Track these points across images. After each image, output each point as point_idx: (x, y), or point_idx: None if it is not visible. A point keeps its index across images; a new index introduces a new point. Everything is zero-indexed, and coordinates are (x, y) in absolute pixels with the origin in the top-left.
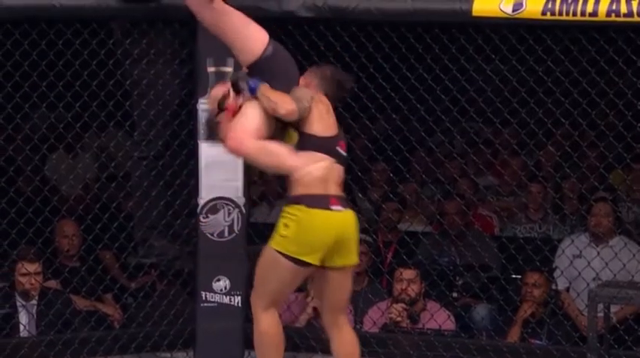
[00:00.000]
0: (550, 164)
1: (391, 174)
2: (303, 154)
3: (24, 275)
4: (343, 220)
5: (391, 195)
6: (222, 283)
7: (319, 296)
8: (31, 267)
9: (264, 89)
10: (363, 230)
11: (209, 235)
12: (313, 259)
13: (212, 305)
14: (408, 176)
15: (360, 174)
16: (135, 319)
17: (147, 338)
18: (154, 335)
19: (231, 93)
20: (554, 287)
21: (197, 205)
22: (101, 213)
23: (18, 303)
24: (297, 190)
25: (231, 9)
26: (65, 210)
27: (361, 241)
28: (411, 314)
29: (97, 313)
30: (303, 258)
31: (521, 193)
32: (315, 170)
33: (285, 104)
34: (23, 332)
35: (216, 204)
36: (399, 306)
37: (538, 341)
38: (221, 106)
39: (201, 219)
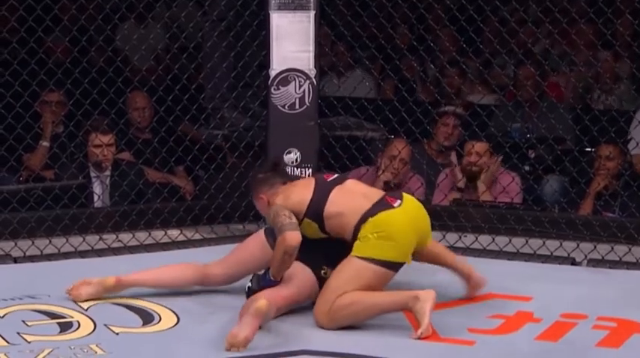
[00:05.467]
0: (627, 33)
1: (463, 45)
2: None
3: (97, 146)
4: (411, 210)
5: (464, 67)
6: (292, 155)
7: None
8: (104, 139)
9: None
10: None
11: (280, 107)
12: (408, 259)
13: None
14: (480, 45)
15: (431, 43)
16: (207, 191)
17: (219, 210)
18: (226, 207)
19: None
20: (628, 157)
21: (268, 77)
22: (172, 84)
23: (92, 174)
24: (354, 221)
25: None
26: (137, 82)
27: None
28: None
29: (170, 185)
30: (399, 260)
31: (597, 63)
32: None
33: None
34: (97, 203)
35: (288, 76)
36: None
37: (611, 214)
38: None
39: (272, 91)
